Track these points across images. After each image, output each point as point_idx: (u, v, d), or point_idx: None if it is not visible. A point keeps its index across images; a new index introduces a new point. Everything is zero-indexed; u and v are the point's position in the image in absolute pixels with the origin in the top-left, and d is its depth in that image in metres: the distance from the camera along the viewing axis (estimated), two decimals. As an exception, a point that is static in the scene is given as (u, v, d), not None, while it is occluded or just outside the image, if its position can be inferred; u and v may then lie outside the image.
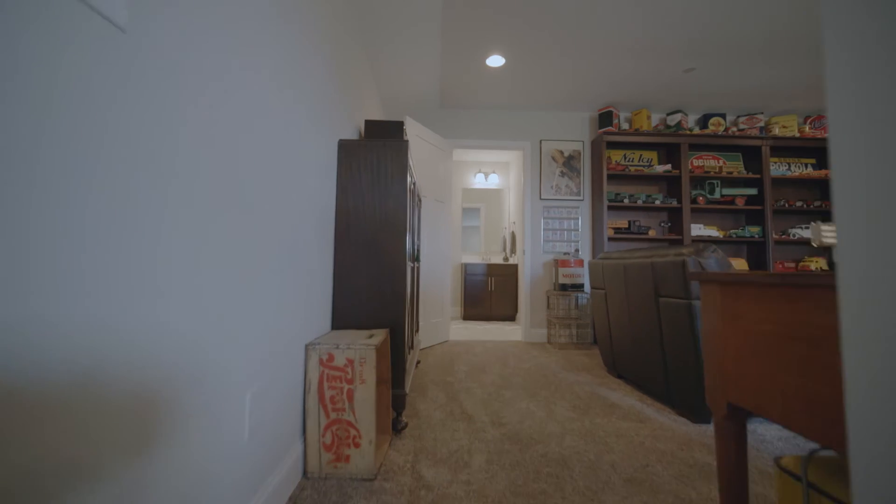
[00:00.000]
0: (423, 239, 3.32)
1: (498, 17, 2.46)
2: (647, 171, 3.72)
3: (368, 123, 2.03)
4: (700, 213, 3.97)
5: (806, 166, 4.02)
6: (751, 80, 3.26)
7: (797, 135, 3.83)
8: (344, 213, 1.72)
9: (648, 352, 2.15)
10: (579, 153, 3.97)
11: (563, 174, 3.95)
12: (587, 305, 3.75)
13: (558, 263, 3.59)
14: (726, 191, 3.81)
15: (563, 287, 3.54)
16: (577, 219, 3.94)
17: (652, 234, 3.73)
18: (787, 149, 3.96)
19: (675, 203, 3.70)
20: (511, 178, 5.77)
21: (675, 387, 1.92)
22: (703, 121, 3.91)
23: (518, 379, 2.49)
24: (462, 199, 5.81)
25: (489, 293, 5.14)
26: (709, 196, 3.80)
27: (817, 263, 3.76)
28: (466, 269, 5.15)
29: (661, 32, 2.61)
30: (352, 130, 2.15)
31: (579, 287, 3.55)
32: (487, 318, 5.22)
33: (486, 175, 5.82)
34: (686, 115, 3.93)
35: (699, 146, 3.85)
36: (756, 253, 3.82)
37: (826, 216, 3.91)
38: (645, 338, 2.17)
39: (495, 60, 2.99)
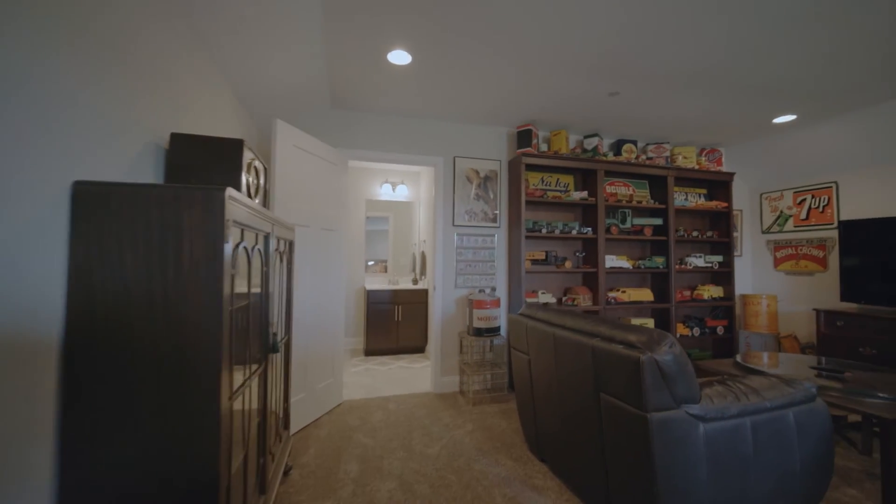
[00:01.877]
0: (302, 288, 2.51)
1: (397, 1, 1.79)
2: (564, 197, 3.44)
3: (177, 139, 1.21)
4: (612, 243, 3.86)
5: (700, 196, 4.18)
6: (665, 110, 3.14)
7: (696, 166, 3.94)
8: (84, 328, 0.89)
9: (584, 450, 1.73)
10: (496, 174, 3.53)
11: (478, 197, 3.46)
12: (503, 347, 3.34)
13: (473, 304, 3.10)
14: (636, 220, 3.73)
15: (479, 332, 3.07)
16: (494, 248, 3.50)
17: (568, 265, 3.47)
18: (685, 179, 4.05)
19: (590, 233, 3.49)
20: (422, 189, 5.16)
21: (619, 508, 1.52)
22: (617, 146, 3.77)
23: (424, 487, 1.89)
24: (366, 209, 5.03)
25: (396, 323, 4.49)
26: (621, 226, 3.68)
27: (709, 292, 3.92)
28: (370, 296, 4.41)
29: (591, 50, 2.22)
30: (127, 156, 1.24)
31: (495, 331, 3.11)
32: (394, 351, 4.57)
33: (394, 186, 5.12)
34: (602, 139, 3.75)
35: (612, 172, 3.71)
36: (660, 282, 3.84)
37: (715, 246, 4.12)
38: (580, 434, 1.75)
39: (400, 56, 2.31)
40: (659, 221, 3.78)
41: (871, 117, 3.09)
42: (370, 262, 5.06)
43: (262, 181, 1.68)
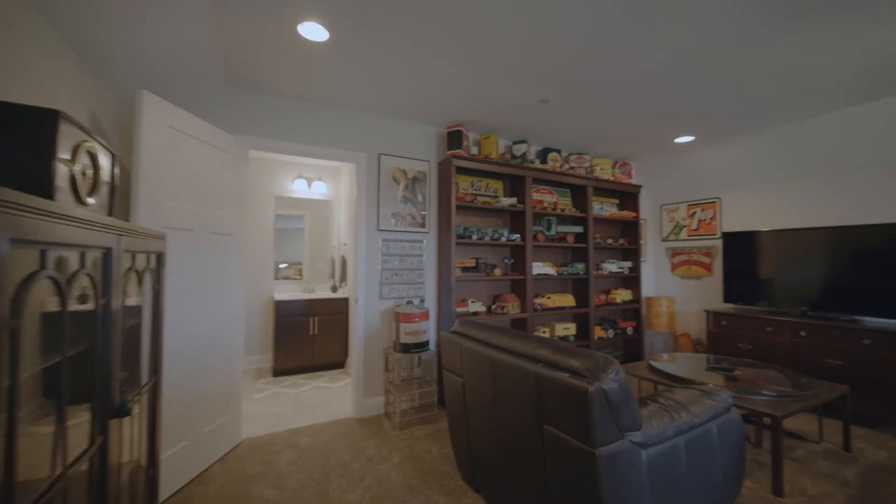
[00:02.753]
0: (184, 310, 1.99)
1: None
2: (494, 203, 3.34)
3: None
4: (537, 250, 3.89)
5: (613, 206, 4.45)
6: (589, 121, 3.22)
7: (611, 178, 4.17)
8: None
9: (525, 483, 1.58)
10: (425, 175, 3.29)
11: (406, 199, 3.19)
12: (432, 362, 3.12)
13: (400, 318, 2.82)
14: (560, 228, 3.82)
15: (406, 348, 2.80)
16: (422, 255, 3.27)
17: (497, 272, 3.39)
18: (602, 189, 4.28)
19: (518, 240, 3.46)
20: (342, 187, 4.71)
21: (564, 550, 1.39)
22: (543, 154, 3.81)
23: (343, 549, 1.58)
24: (276, 207, 4.41)
25: (311, 338, 4.00)
26: (546, 233, 3.72)
27: (621, 295, 4.18)
28: (280, 308, 3.86)
29: (526, 52, 2.11)
30: None
31: (424, 346, 2.88)
32: (310, 369, 4.07)
33: (310, 182, 4.58)
34: (530, 146, 3.76)
35: (539, 180, 3.73)
36: (580, 287, 3.99)
37: (626, 252, 4.42)
38: (520, 465, 1.59)
39: (313, 31, 1.94)
40: (580, 229, 3.91)
41: (751, 143, 3.54)
42: (282, 265, 4.46)
43: (109, 173, 1.20)
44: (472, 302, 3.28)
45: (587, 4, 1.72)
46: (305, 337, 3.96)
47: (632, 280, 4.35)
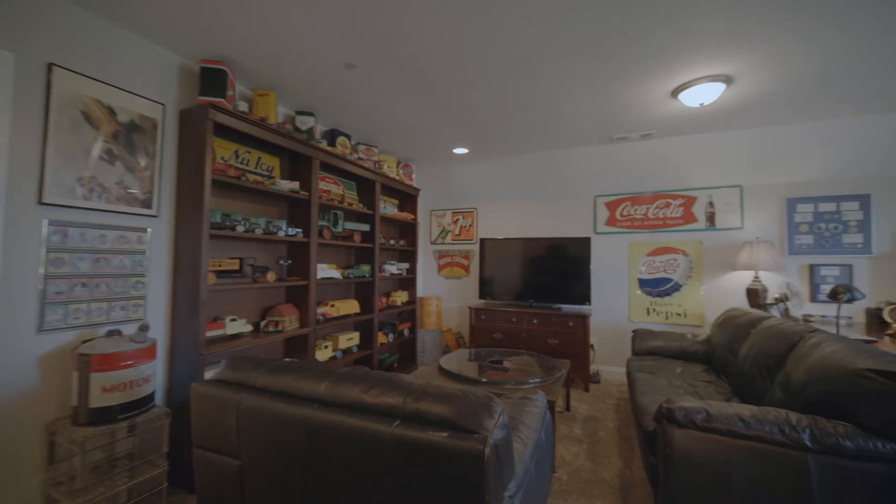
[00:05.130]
0: None
1: None
2: (269, 185, 2.51)
3: None
4: (322, 249, 3.28)
5: (394, 207, 4.38)
6: (386, 108, 2.93)
7: (396, 177, 4.06)
8: None
9: None
10: (155, 126, 2.07)
11: (112, 157, 1.88)
12: (161, 429, 1.95)
13: (91, 362, 1.59)
14: (348, 224, 3.35)
15: (104, 416, 1.60)
16: (144, 252, 2.03)
17: (271, 277, 2.56)
18: (386, 188, 4.11)
19: (301, 235, 2.76)
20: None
21: None
22: (332, 136, 3.24)
23: None
24: None
25: None
26: (333, 229, 3.17)
27: (400, 297, 4.15)
28: None
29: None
30: None
31: (144, 403, 1.75)
32: None
33: None
34: (317, 122, 3.10)
35: (326, 165, 3.13)
36: (364, 291, 3.66)
37: (403, 254, 4.44)
38: (353, 580, 1.05)
39: None
40: (367, 227, 3.57)
41: (508, 163, 4.23)
42: None
43: None
44: (233, 320, 2.33)
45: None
46: None
47: (408, 282, 4.40)
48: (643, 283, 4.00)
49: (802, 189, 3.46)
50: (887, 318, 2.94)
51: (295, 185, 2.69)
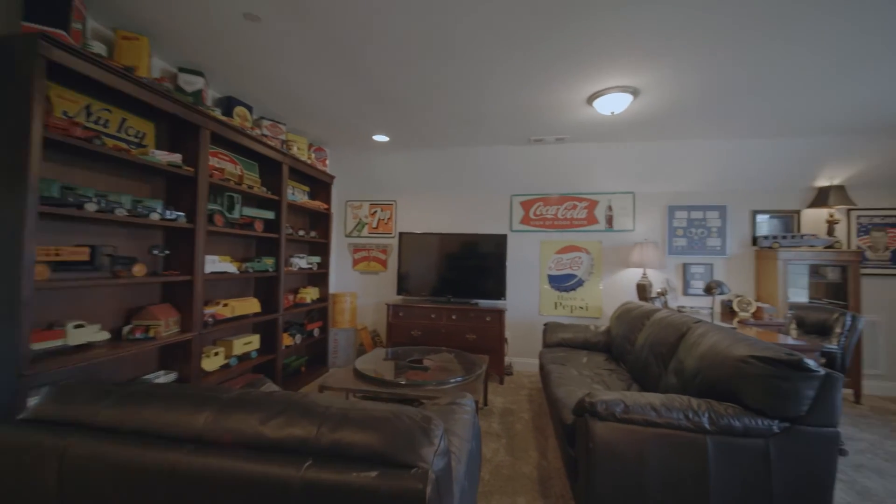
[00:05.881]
0: None
1: None
2: (137, 154, 1.99)
3: None
4: (213, 238, 2.76)
5: (304, 194, 3.94)
6: (297, 77, 2.56)
7: (307, 160, 3.64)
8: None
9: None
10: (-58, 52, 1.44)
11: None
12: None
13: None
14: (247, 211, 2.88)
15: None
16: (-80, 233, 1.40)
17: (139, 271, 2.04)
18: (295, 172, 3.67)
19: (184, 220, 2.26)
20: None
21: None
22: (228, 105, 2.74)
23: None
24: None
25: None
26: (228, 215, 2.69)
27: (310, 294, 3.75)
28: None
29: None
30: None
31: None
32: None
33: None
34: (208, 84, 2.57)
35: (219, 138, 2.62)
36: (267, 288, 3.20)
37: (314, 246, 4.03)
38: None
39: None
40: (271, 215, 3.12)
41: (430, 155, 4.09)
42: None
43: None
44: (76, 327, 1.79)
45: None
46: None
47: (320, 277, 4.02)
48: (552, 279, 4.25)
49: (680, 198, 4.01)
50: (736, 308, 3.56)
51: (176, 157, 2.19)
